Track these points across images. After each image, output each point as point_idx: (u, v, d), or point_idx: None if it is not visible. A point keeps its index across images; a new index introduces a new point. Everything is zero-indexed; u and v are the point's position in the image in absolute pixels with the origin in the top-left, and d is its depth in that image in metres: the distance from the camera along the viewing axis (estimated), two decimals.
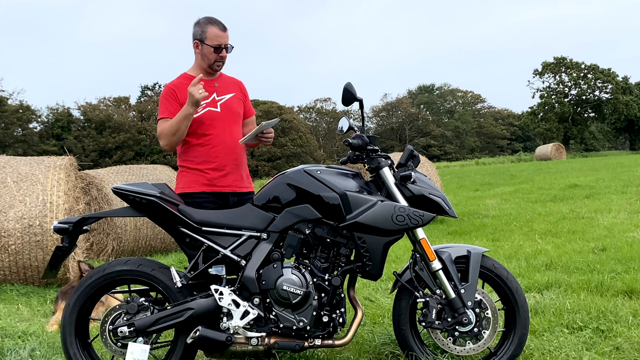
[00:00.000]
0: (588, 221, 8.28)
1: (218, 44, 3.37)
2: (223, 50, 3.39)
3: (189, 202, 3.23)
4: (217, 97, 3.45)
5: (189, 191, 3.34)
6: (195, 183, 3.35)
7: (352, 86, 3.07)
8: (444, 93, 69.09)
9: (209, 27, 3.38)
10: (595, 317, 3.72)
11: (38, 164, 6.15)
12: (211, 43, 3.37)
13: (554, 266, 5.41)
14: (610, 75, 54.75)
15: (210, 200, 3.32)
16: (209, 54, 3.38)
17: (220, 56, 3.40)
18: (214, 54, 3.38)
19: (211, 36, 3.36)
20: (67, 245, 2.93)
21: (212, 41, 3.37)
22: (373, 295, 4.65)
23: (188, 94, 3.19)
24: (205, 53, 3.39)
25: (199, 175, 3.35)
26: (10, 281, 5.78)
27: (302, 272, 2.91)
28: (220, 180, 3.37)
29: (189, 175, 3.38)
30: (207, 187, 3.34)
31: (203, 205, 3.27)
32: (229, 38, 3.42)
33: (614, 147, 64.40)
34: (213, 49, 3.37)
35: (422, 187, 3.00)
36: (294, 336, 2.90)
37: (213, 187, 3.35)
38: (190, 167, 3.39)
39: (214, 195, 3.35)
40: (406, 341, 3.09)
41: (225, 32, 3.40)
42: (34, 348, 3.61)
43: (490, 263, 3.10)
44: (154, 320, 2.85)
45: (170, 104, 3.34)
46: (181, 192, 3.34)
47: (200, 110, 3.33)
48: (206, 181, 3.34)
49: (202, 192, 3.33)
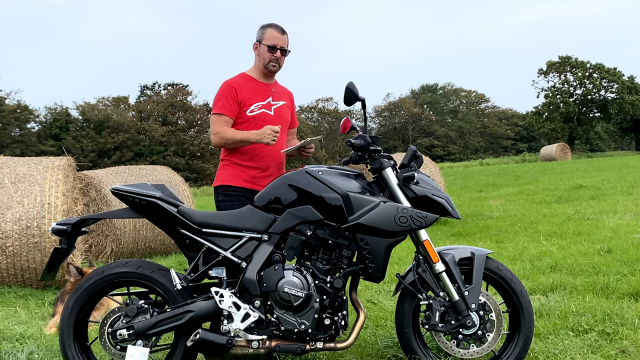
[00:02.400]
0: (593, 222, 8.24)
1: (273, 44, 3.54)
2: (278, 51, 3.55)
3: (227, 194, 3.44)
4: (273, 101, 3.63)
5: (229, 184, 3.51)
6: (237, 178, 3.51)
7: (354, 86, 3.05)
8: (448, 93, 68.93)
9: (269, 29, 3.58)
10: (600, 320, 3.70)
11: (36, 164, 6.11)
12: (267, 43, 3.55)
13: (559, 268, 5.38)
14: (616, 75, 54.52)
15: (248, 197, 3.42)
16: (264, 53, 3.56)
17: (275, 57, 3.56)
18: (268, 54, 3.55)
19: (268, 37, 3.56)
20: (65, 247, 2.90)
21: (268, 41, 3.55)
22: (375, 298, 4.63)
23: (263, 129, 3.38)
24: (261, 53, 3.57)
25: (242, 171, 3.52)
26: (8, 283, 5.73)
27: (303, 274, 2.89)
28: (262, 180, 3.50)
29: (231, 169, 3.55)
30: (248, 183, 3.50)
31: (239, 199, 3.41)
32: (287, 42, 3.60)
33: (619, 147, 64.18)
34: (267, 47, 3.53)
35: (425, 188, 2.98)
36: (295, 339, 2.88)
37: (254, 185, 3.49)
38: (235, 162, 3.55)
39: (253, 193, 3.39)
40: (409, 344, 3.07)
41: (283, 35, 3.58)
42: (32, 351, 3.59)
43: (494, 265, 3.08)
44: (154, 323, 2.83)
45: (228, 101, 3.50)
46: (221, 184, 3.52)
47: (256, 110, 3.52)
48: (249, 178, 3.51)
49: (242, 187, 3.50)
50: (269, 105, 3.61)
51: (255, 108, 3.53)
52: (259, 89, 3.60)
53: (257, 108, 3.54)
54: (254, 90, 3.57)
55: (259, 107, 3.55)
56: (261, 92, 3.60)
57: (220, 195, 3.54)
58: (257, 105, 3.55)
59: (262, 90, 3.61)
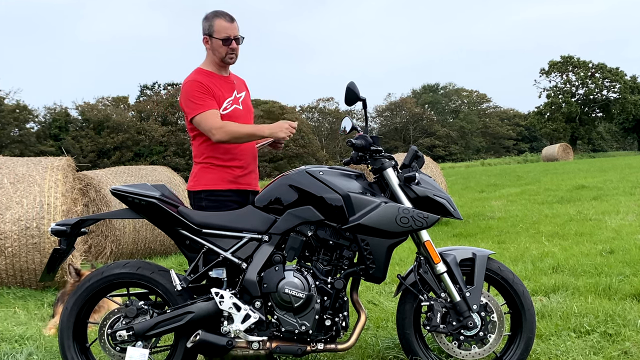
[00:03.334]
0: (596, 223, 8.21)
1: (226, 36, 3.29)
2: (232, 42, 3.31)
3: (211, 199, 3.22)
4: (238, 94, 3.42)
5: (215, 188, 3.28)
6: (221, 180, 3.29)
7: (355, 85, 3.04)
8: (449, 93, 68.87)
9: (216, 20, 3.31)
10: (603, 321, 3.68)
11: (35, 164, 6.09)
12: (219, 36, 3.29)
13: (561, 269, 5.36)
14: (618, 75, 54.42)
15: (233, 199, 3.29)
16: (219, 47, 3.31)
17: (231, 48, 3.32)
18: (223, 47, 3.30)
19: (218, 29, 3.29)
20: (64, 247, 2.89)
21: (220, 34, 3.29)
22: (376, 299, 4.62)
23: (279, 123, 3.21)
24: (215, 47, 3.32)
25: (225, 173, 3.30)
26: (7, 284, 5.71)
27: (304, 275, 2.88)
28: (243, 178, 3.35)
29: (214, 171, 3.30)
30: (232, 184, 3.31)
31: (226, 204, 3.24)
32: (238, 29, 3.34)
33: (622, 147, 64.04)
34: (221, 41, 3.30)
35: (427, 188, 2.96)
36: (296, 340, 2.87)
37: (237, 185, 3.32)
38: (217, 163, 3.30)
39: (237, 194, 3.32)
40: (410, 345, 3.06)
41: (233, 23, 3.32)
42: (31, 352, 3.59)
43: (496, 266, 3.07)
44: (154, 324, 2.82)
45: (207, 96, 3.23)
46: (205, 189, 3.28)
47: (229, 107, 3.32)
48: (232, 178, 3.31)
49: (228, 189, 3.30)
50: (237, 100, 3.39)
51: (227, 105, 3.31)
52: (223, 84, 3.35)
53: (229, 104, 3.32)
54: (220, 86, 3.33)
55: (230, 103, 3.32)
56: (226, 87, 3.36)
57: (204, 200, 3.27)
58: (228, 102, 3.32)
59: (226, 85, 3.37)
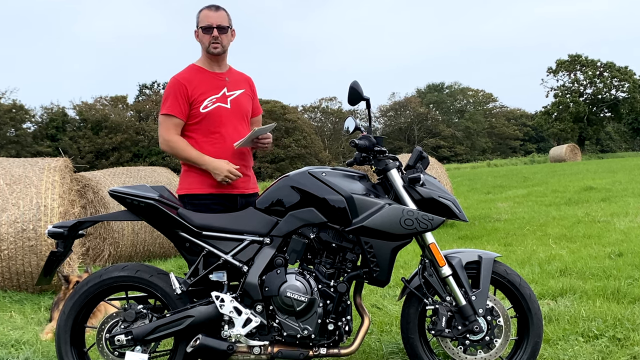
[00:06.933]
0: (604, 225, 8.16)
1: (208, 24, 3.24)
2: (214, 30, 3.26)
3: (195, 204, 3.13)
4: (228, 92, 3.34)
5: (195, 192, 3.20)
6: (201, 184, 3.19)
7: (358, 85, 3.01)
8: (454, 92, 68.71)
9: (202, 11, 3.29)
10: (611, 325, 3.66)
11: (32, 165, 6.04)
12: (202, 25, 3.27)
13: (569, 272, 5.33)
14: (627, 74, 54.04)
15: (218, 203, 3.19)
16: (202, 37, 3.28)
17: (213, 36, 3.26)
18: (205, 36, 3.26)
19: (202, 19, 3.27)
20: (62, 250, 2.86)
21: (202, 23, 3.27)
22: (380, 302, 4.59)
23: (222, 166, 3.12)
24: (200, 37, 3.30)
25: (206, 177, 3.19)
26: (3, 288, 5.65)
27: (306, 278, 2.85)
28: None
29: (194, 175, 3.22)
30: (215, 188, 3.20)
31: (210, 207, 3.15)
32: (224, 19, 3.29)
33: (631, 148, 63.64)
34: (202, 30, 3.27)
35: (432, 189, 2.93)
36: (298, 345, 2.83)
37: (219, 189, 3.20)
38: (198, 167, 3.22)
39: (222, 198, 3.22)
40: (415, 350, 3.03)
41: (218, 12, 3.28)
42: (27, 357, 3.56)
43: (502, 269, 3.04)
44: (153, 328, 2.79)
45: (178, 101, 3.19)
46: (186, 194, 3.21)
47: (210, 106, 3.23)
48: (213, 182, 3.19)
49: (209, 193, 3.20)
50: (224, 98, 3.29)
51: (209, 103, 3.22)
52: (211, 81, 3.29)
53: (211, 103, 3.23)
54: (206, 83, 3.27)
55: (212, 101, 3.24)
56: (214, 84, 3.29)
57: (187, 205, 3.16)
58: (210, 99, 3.24)
59: (215, 82, 3.29)
